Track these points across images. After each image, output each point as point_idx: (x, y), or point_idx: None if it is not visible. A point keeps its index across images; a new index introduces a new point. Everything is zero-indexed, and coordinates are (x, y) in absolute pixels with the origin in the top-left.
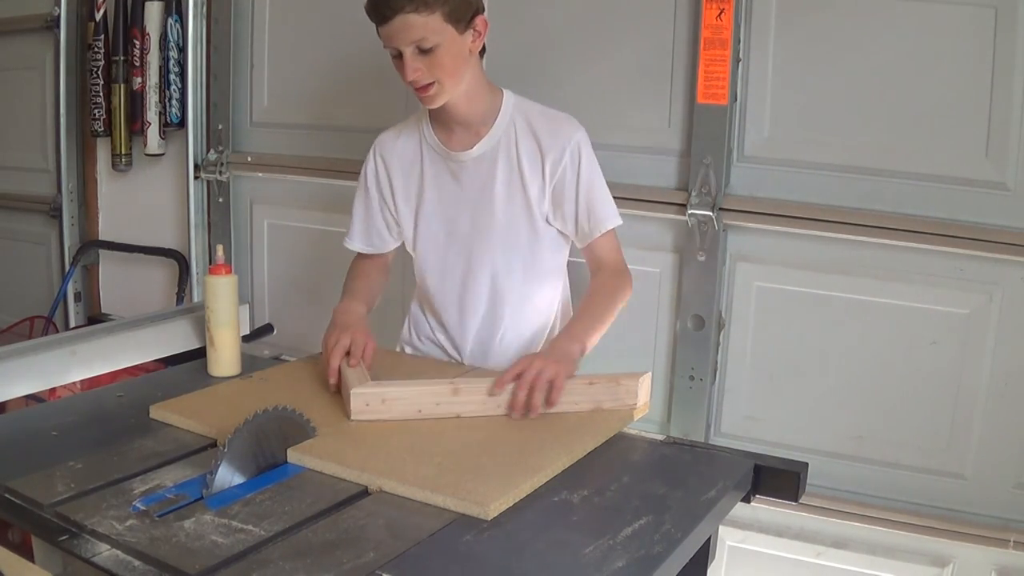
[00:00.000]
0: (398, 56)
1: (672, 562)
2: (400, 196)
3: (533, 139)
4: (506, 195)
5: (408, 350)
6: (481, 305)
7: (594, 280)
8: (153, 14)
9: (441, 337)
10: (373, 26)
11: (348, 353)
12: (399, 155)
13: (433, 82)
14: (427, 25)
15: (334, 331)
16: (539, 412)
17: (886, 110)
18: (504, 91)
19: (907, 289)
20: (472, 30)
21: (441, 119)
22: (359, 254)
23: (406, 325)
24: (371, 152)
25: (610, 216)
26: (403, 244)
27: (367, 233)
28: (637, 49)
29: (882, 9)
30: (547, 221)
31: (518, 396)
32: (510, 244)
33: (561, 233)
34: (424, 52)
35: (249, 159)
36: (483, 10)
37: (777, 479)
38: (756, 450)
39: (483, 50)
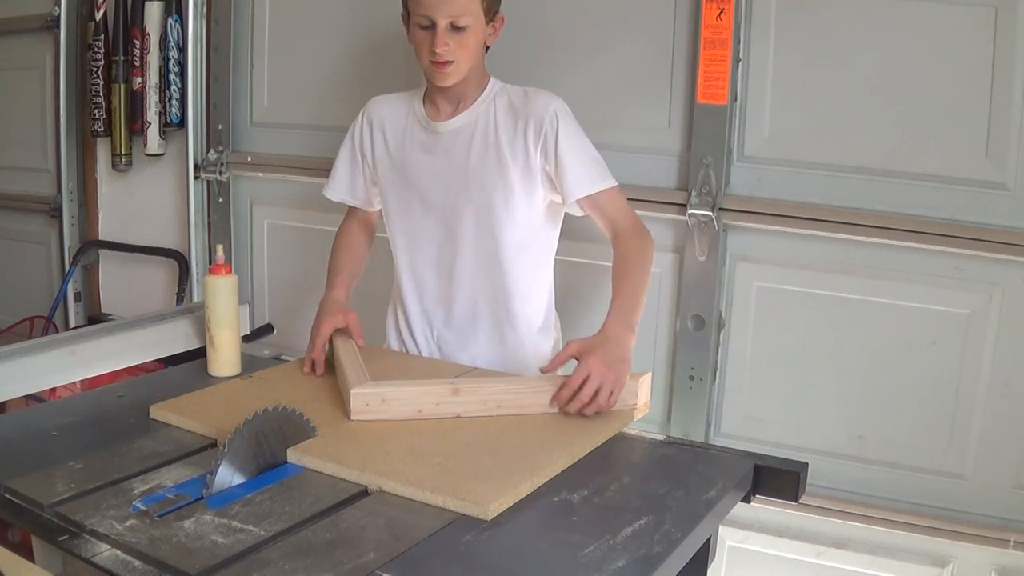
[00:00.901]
0: (427, 28)
1: (672, 562)
2: (380, 160)
3: (512, 114)
4: (480, 169)
5: (393, 337)
6: (454, 276)
7: (617, 248)
8: (153, 14)
9: (415, 314)
10: (374, 26)
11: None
12: (386, 120)
13: (454, 61)
14: (467, 5)
15: (315, 322)
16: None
17: (886, 110)
18: (492, 77)
19: (907, 289)
20: (493, 25)
21: (431, 93)
22: (344, 224)
23: (389, 318)
24: (361, 113)
25: (594, 178)
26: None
27: (351, 185)
28: (637, 49)
29: (882, 9)
30: (540, 188)
31: (577, 405)
32: (482, 218)
33: (546, 211)
34: (455, 30)
35: (249, 159)
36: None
37: (777, 479)
38: (756, 450)
39: (487, 46)
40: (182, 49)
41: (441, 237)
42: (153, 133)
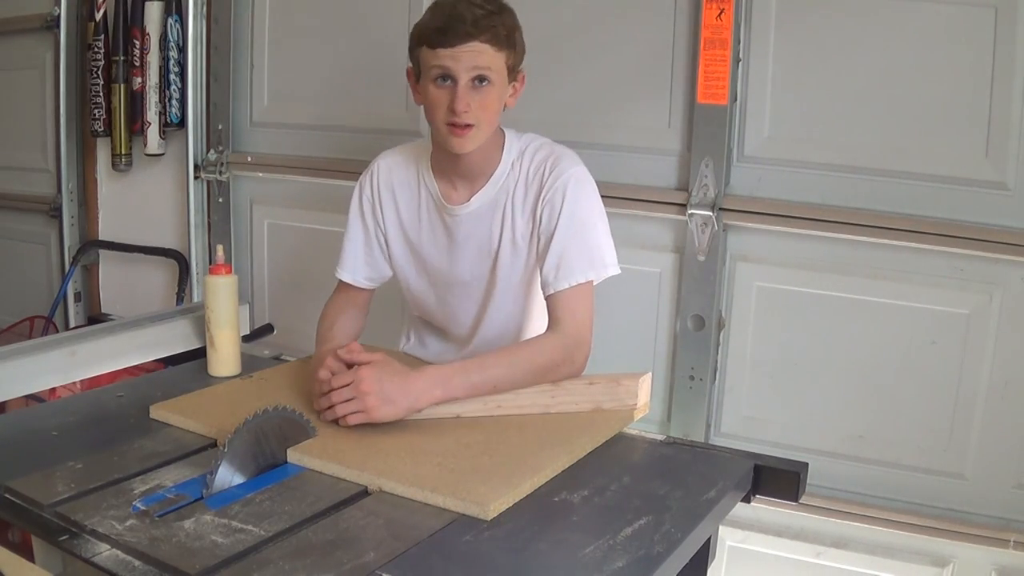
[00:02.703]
0: (444, 83)
1: (672, 562)
2: (392, 233)
3: (526, 189)
4: (495, 252)
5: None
6: (482, 347)
7: (544, 339)
8: (153, 14)
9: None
10: (374, 26)
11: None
12: (396, 189)
13: (473, 125)
14: (494, 60)
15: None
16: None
17: (886, 110)
18: (506, 133)
19: (907, 289)
20: (514, 85)
21: (443, 168)
22: (334, 305)
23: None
24: (367, 177)
25: (583, 268)
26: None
27: (367, 265)
28: (637, 49)
29: (882, 9)
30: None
31: (333, 405)
32: (498, 301)
33: None
34: (478, 87)
35: (249, 159)
36: None
37: (777, 479)
38: (756, 450)
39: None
40: (182, 49)
41: (461, 317)
42: (153, 133)
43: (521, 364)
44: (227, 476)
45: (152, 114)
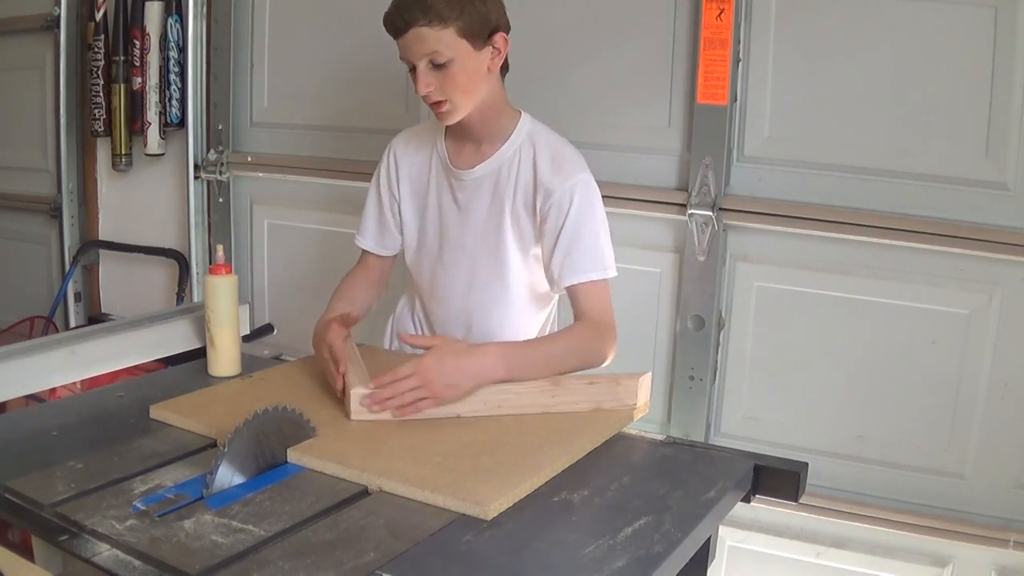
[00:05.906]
0: (412, 69)
1: (672, 562)
2: (406, 201)
3: (533, 172)
4: (496, 221)
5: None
6: (462, 324)
7: (574, 325)
8: (153, 14)
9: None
10: (374, 26)
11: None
12: (410, 161)
13: (446, 100)
14: (441, 39)
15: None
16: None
17: (886, 110)
18: (522, 114)
19: (907, 289)
20: (491, 47)
21: (455, 132)
22: (352, 273)
23: (391, 321)
24: (386, 152)
25: (590, 267)
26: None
27: (379, 232)
28: (637, 49)
29: (882, 9)
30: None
31: (396, 397)
32: (496, 270)
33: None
34: (437, 67)
35: (249, 159)
36: (505, 28)
37: (777, 479)
38: (756, 450)
39: (506, 68)
40: (182, 49)
41: (457, 284)
42: (153, 133)
43: (563, 345)
44: (227, 476)
45: (152, 114)
